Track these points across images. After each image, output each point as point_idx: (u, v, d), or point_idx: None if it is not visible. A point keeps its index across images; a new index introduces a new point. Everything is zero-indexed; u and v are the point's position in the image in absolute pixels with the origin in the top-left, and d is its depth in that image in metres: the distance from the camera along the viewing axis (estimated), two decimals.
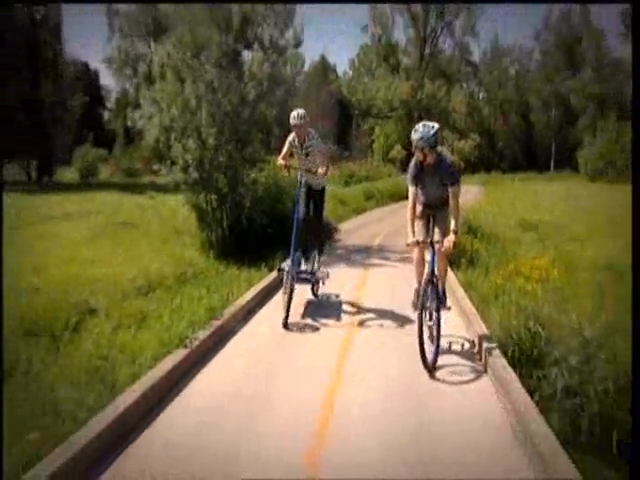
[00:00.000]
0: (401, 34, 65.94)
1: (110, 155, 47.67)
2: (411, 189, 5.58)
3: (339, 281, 8.79)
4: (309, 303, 7.58)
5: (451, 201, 5.49)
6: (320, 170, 6.82)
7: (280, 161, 7.11)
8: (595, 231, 13.38)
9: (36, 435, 3.34)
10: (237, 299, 7.21)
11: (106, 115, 67.23)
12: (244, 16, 12.64)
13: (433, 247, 5.40)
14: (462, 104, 60.72)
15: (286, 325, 6.41)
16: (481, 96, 68.66)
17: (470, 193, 27.42)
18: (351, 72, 67.73)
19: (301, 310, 7.27)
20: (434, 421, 4.11)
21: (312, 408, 4.35)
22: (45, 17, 34.58)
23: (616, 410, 3.52)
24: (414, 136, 5.22)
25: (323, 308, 7.42)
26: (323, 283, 7.40)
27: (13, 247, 9.98)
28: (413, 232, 5.43)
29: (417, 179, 5.55)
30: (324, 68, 63.08)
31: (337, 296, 7.75)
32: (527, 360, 4.59)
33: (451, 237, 5.26)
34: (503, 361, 4.79)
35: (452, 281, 8.02)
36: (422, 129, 5.20)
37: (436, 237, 5.60)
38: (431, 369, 5.00)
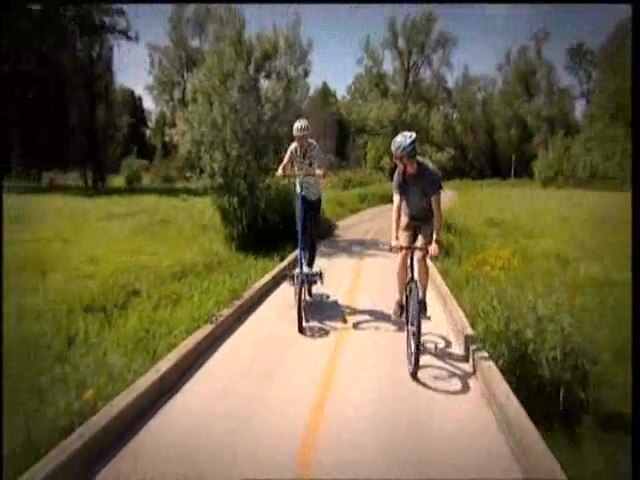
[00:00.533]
0: (389, 66, 65.62)
1: (151, 165, 47.79)
2: (396, 197, 4.81)
3: (341, 269, 8.90)
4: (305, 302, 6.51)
5: (433, 209, 4.64)
6: (319, 172, 6.09)
7: (279, 171, 6.25)
8: (547, 228, 13.41)
9: (90, 393, 3.37)
10: (254, 283, 7.19)
11: (147, 133, 67.23)
12: (265, 52, 12.67)
13: (412, 254, 4.68)
14: (439, 123, 60.91)
15: (301, 330, 5.50)
16: (454, 117, 68.65)
17: (446, 196, 27.18)
18: (348, 96, 67.62)
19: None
20: (423, 422, 3.48)
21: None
22: (99, 55, 35.03)
23: (563, 373, 3.52)
24: (393, 147, 4.52)
25: (320, 306, 6.49)
26: (322, 283, 6.41)
27: (74, 241, 10.08)
28: (397, 238, 4.66)
29: (401, 188, 4.76)
30: (326, 93, 63.17)
31: (328, 297, 6.76)
32: (493, 333, 4.52)
33: (434, 246, 4.46)
34: (491, 363, 4.01)
35: (431, 270, 8.03)
36: (399, 139, 4.51)
37: (418, 244, 4.84)
38: (413, 374, 4.19)
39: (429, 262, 5.10)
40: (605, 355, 4.09)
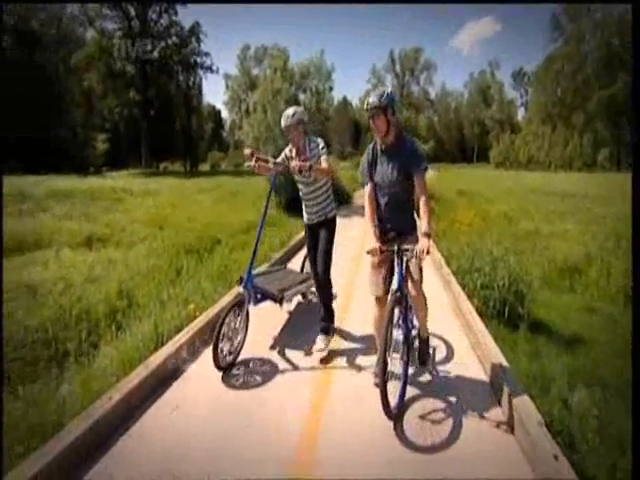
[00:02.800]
0: (389, 83, 63.17)
1: (226, 155, 47.57)
2: (366, 186, 2.48)
3: (355, 224, 8.68)
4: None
5: (417, 192, 2.32)
6: (324, 164, 2.83)
7: (247, 150, 2.93)
8: (498, 196, 12.90)
9: (191, 306, 3.43)
10: (296, 235, 7.13)
11: (224, 134, 66.69)
12: (302, 74, 12.28)
13: (401, 257, 2.25)
14: (424, 124, 59.09)
15: (220, 367, 2.55)
16: (435, 119, 65.85)
17: (427, 175, 26.39)
18: (361, 105, 65.67)
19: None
20: None
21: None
22: (193, 83, 35.56)
23: (508, 295, 3.44)
24: (371, 99, 2.27)
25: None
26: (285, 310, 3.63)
27: (179, 206, 10.18)
28: (375, 232, 2.38)
29: (371, 169, 2.45)
30: (345, 103, 61.56)
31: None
32: (463, 270, 4.40)
33: (424, 242, 2.17)
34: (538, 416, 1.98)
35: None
36: (375, 90, 2.33)
37: (407, 245, 2.27)
38: (394, 417, 2.12)
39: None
40: (535, 282, 3.95)
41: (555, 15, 39.21)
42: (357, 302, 3.91)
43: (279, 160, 3.05)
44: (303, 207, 3.15)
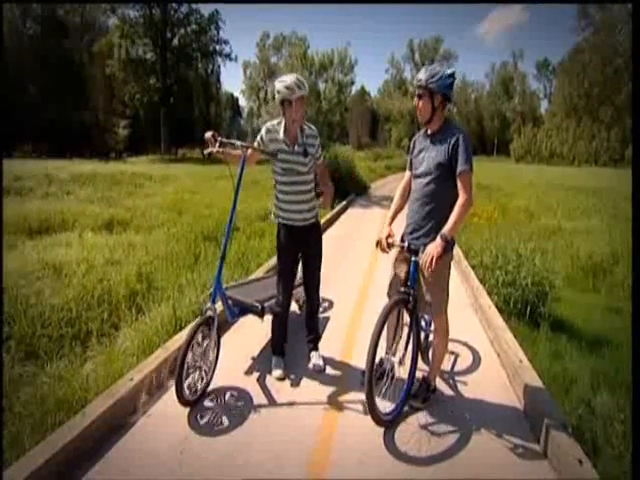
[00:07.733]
0: (408, 73, 61.94)
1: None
2: (407, 172, 2.26)
3: (375, 215, 8.56)
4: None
5: (460, 192, 1.90)
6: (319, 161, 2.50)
7: (208, 134, 2.47)
8: (519, 191, 12.57)
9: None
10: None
11: (242, 121, 66.76)
12: (321, 64, 12.12)
13: (412, 255, 2.02)
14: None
15: (184, 401, 2.09)
16: (455, 110, 64.36)
17: None
18: (379, 95, 64.51)
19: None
20: None
21: None
22: (212, 71, 35.47)
23: (530, 295, 3.33)
24: (419, 75, 1.96)
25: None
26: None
27: (197, 193, 10.22)
28: (390, 222, 2.20)
29: (412, 156, 2.19)
30: (363, 93, 60.60)
31: (331, 305, 3.66)
32: (483, 266, 4.24)
33: (434, 245, 1.87)
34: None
35: None
36: (430, 66, 2.00)
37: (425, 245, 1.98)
38: (385, 424, 1.97)
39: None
40: (557, 281, 3.83)
41: (583, 4, 37.42)
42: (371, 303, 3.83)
43: (255, 143, 2.58)
44: (283, 204, 2.54)
